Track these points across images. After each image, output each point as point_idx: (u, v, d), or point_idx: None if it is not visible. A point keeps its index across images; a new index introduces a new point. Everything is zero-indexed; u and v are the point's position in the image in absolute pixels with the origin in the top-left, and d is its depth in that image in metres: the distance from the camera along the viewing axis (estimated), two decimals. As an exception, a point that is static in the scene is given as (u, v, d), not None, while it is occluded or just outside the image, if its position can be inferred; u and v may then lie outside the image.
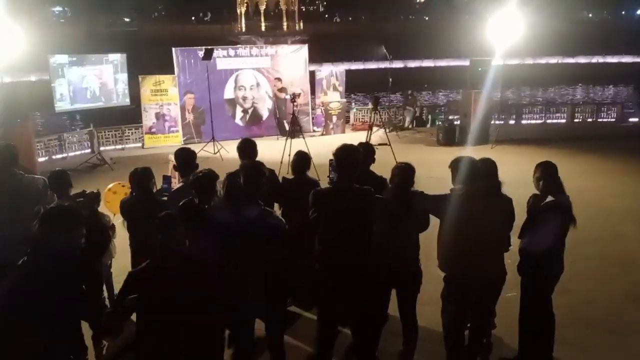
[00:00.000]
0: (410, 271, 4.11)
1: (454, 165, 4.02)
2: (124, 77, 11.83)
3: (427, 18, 49.78)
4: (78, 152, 12.82)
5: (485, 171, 4.01)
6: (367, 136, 9.23)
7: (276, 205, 4.76)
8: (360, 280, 3.70)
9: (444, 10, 48.41)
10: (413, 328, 4.23)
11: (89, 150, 12.81)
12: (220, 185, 3.86)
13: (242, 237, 3.51)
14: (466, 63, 13.20)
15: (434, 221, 4.05)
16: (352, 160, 3.70)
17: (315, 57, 25.13)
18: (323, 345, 3.85)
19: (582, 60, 35.36)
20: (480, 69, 12.30)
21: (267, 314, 3.78)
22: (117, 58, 11.73)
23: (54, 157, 12.55)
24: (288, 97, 13.32)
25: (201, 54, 13.00)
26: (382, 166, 9.06)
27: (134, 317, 3.16)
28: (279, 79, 14.40)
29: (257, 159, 4.59)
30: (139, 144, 13.74)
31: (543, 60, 34.70)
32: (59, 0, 49.76)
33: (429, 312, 4.30)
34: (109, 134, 13.65)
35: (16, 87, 8.79)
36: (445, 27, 36.78)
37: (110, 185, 6.22)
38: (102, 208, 4.79)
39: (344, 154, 3.70)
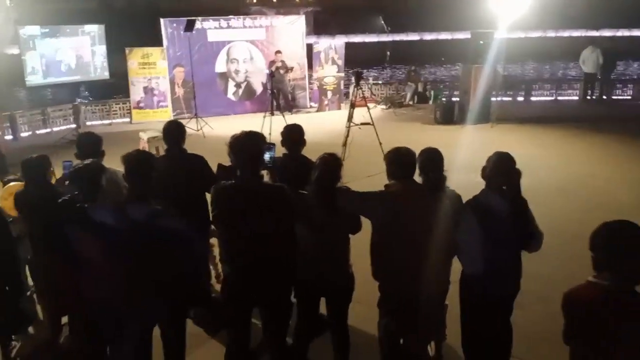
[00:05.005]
0: (340, 280, 3.55)
1: (388, 157, 3.41)
2: (102, 49, 11.32)
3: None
4: (63, 127, 12.45)
5: (426, 164, 3.41)
6: (349, 115, 8.57)
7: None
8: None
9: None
10: (344, 341, 3.70)
11: (74, 126, 12.41)
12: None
13: (126, 241, 3.00)
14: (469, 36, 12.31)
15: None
16: (255, 151, 3.13)
17: (330, 29, 24.32)
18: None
19: (607, 33, 33.58)
20: (482, 42, 11.44)
21: (164, 323, 3.28)
22: (95, 29, 11.21)
23: (37, 132, 12.22)
24: (267, 71, 12.74)
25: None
26: (365, 148, 8.68)
27: None
28: (279, 52, 13.66)
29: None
30: (127, 119, 13.29)
31: (565, 33, 33.14)
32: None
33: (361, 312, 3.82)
34: (95, 109, 13.24)
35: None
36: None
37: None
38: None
39: (244, 142, 3.13)
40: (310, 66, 14.49)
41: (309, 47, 14.54)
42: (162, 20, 13.11)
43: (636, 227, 2.30)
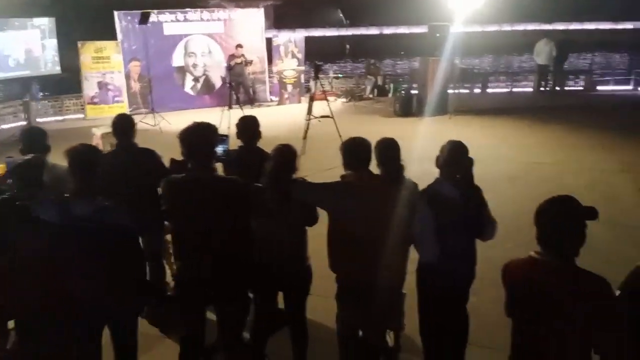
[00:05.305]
0: (297, 272, 3.51)
1: (344, 147, 3.39)
2: (53, 43, 10.92)
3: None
4: (13, 125, 11.96)
5: (383, 153, 3.39)
6: (309, 108, 8.53)
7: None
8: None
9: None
10: (302, 335, 3.66)
11: (24, 123, 11.94)
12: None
13: (72, 239, 2.87)
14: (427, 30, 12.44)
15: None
16: (205, 142, 3.05)
17: (290, 22, 24.18)
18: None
19: (560, 26, 34.52)
20: (438, 34, 11.57)
21: (115, 323, 3.17)
22: (45, 22, 10.81)
23: (-15, 130, 11.72)
24: (225, 65, 12.60)
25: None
26: (325, 141, 8.67)
27: None
28: (240, 46, 13.43)
29: None
30: (81, 115, 12.89)
31: (520, 27, 33.91)
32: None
33: (318, 304, 3.79)
34: (47, 105, 12.79)
35: None
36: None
37: None
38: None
39: (194, 133, 3.04)
40: (270, 60, 14.38)
41: (269, 41, 14.41)
42: (115, 13, 12.74)
43: (579, 203, 2.35)
